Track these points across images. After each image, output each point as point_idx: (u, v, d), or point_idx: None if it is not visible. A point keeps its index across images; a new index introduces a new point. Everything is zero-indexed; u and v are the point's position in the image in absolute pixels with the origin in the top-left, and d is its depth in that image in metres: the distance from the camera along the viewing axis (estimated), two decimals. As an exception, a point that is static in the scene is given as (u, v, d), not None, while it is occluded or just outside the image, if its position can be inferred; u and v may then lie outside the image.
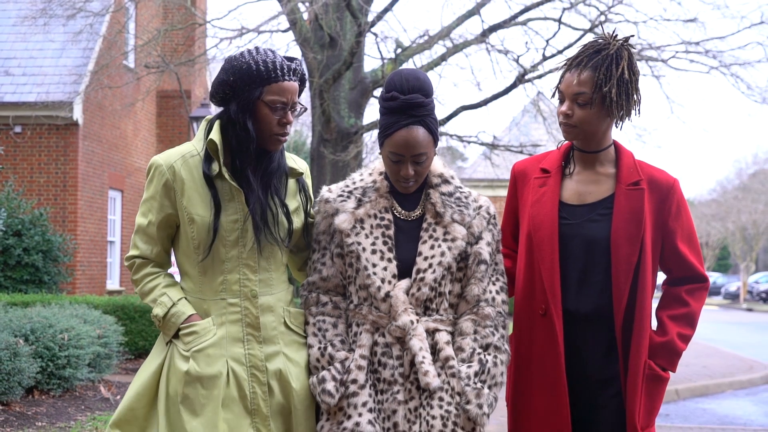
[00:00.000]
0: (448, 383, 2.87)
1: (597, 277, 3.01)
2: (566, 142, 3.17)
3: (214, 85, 2.94)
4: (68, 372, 8.14)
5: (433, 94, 2.99)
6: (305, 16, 11.98)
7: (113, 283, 17.64)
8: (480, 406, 2.86)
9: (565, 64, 3.07)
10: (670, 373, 3.08)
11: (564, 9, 11.33)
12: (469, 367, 2.89)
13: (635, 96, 3.01)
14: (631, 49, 3.04)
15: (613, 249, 2.98)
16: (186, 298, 2.96)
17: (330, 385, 2.88)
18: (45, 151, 15.70)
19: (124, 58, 16.54)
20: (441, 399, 2.86)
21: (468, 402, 2.85)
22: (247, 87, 2.87)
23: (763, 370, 13.92)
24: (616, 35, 3.04)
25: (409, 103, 2.88)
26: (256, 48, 2.95)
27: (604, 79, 2.95)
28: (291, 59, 2.96)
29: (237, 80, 2.88)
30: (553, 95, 3.11)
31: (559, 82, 3.06)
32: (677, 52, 11.77)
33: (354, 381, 2.88)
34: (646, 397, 3.01)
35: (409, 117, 2.88)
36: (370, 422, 2.83)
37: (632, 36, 3.16)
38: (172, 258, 3.10)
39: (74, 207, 15.68)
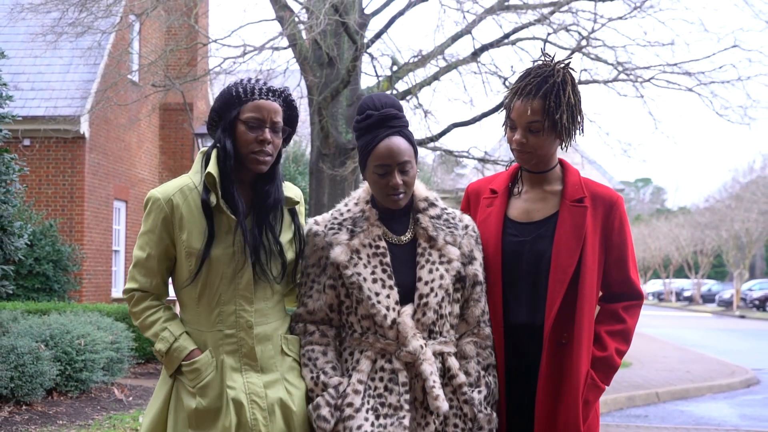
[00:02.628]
0: (461, 409, 2.96)
1: (546, 291, 3.07)
2: (515, 163, 3.29)
3: (208, 119, 3.06)
4: (85, 375, 8.67)
5: (404, 112, 3.08)
6: (304, 35, 12.45)
7: (118, 291, 17.92)
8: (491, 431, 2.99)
9: (512, 92, 3.15)
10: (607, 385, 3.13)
11: (548, 33, 11.87)
12: (479, 392, 2.98)
13: (579, 117, 3.13)
14: (573, 73, 3.14)
15: (553, 259, 3.06)
16: (186, 332, 2.96)
17: (325, 411, 2.89)
18: (53, 164, 16.13)
19: (131, 75, 17.02)
20: (456, 426, 2.95)
21: (480, 428, 2.96)
22: (227, 110, 2.96)
23: (744, 375, 14.28)
24: (558, 60, 3.13)
25: (385, 116, 2.97)
26: (242, 79, 3.03)
27: (555, 106, 3.04)
28: (274, 87, 3.01)
29: (220, 106, 2.98)
30: (504, 124, 3.20)
31: (509, 111, 3.14)
32: (660, 72, 12.29)
33: (350, 405, 2.88)
34: (583, 404, 3.05)
35: (388, 128, 2.97)
36: None
37: (571, 60, 3.32)
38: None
39: (81, 217, 16.11)
